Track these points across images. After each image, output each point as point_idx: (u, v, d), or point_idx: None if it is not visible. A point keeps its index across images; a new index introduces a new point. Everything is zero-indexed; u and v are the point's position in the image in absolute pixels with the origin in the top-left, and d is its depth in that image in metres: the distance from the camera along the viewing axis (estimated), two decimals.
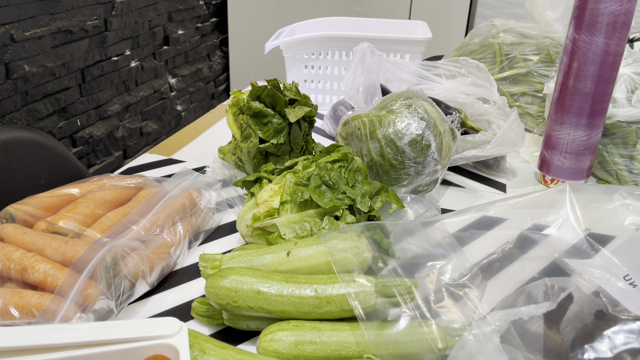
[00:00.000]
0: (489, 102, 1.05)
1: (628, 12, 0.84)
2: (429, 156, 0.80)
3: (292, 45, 1.29)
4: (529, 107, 1.20)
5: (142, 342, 0.47)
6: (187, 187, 0.79)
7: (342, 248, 0.61)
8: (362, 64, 1.04)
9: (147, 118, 2.50)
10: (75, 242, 0.64)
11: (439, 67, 1.11)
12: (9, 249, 0.63)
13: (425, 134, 0.80)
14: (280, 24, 2.77)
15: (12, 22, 1.68)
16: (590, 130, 0.92)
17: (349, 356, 0.54)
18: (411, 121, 0.81)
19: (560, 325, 0.53)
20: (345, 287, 0.57)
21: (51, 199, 0.73)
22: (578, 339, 0.52)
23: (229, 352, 0.52)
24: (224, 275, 0.58)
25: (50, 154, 1.02)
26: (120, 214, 0.72)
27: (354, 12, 2.74)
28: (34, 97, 1.82)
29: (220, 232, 0.82)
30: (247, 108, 0.88)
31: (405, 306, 0.55)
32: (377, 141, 0.81)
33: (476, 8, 2.70)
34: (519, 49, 1.20)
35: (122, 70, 2.26)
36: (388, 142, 0.80)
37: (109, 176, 0.79)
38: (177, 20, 2.62)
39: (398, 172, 0.80)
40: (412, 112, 0.82)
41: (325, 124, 1.19)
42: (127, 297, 0.64)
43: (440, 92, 1.06)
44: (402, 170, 0.80)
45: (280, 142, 0.87)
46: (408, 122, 0.80)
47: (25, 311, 0.58)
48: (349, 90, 1.05)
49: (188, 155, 1.07)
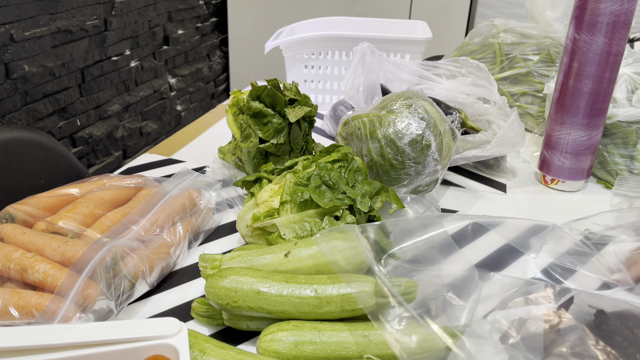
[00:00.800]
0: (489, 102, 1.05)
1: (628, 12, 0.84)
2: (429, 156, 0.80)
3: (292, 45, 1.29)
4: (529, 107, 1.19)
5: (142, 342, 0.47)
6: (187, 187, 0.79)
7: (342, 248, 0.61)
8: (362, 64, 1.04)
9: (147, 118, 2.50)
10: (75, 242, 0.64)
11: (439, 67, 1.11)
12: (8, 249, 0.63)
13: (426, 134, 0.80)
14: (280, 24, 2.77)
15: (11, 22, 1.68)
16: (590, 130, 0.92)
17: (349, 356, 0.54)
18: (411, 121, 0.80)
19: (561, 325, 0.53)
20: (345, 287, 0.56)
21: (51, 199, 0.73)
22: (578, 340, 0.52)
23: (229, 352, 0.52)
24: (224, 275, 0.58)
25: (50, 154, 1.02)
26: (120, 214, 0.72)
27: (354, 12, 2.74)
28: (34, 97, 1.82)
29: (220, 232, 0.82)
30: (247, 108, 0.88)
31: (405, 306, 0.55)
32: (377, 141, 0.81)
33: (476, 8, 2.70)
34: (519, 48, 1.20)
35: (122, 70, 2.26)
36: (388, 142, 0.80)
37: (109, 176, 0.79)
38: (177, 20, 2.62)
39: (398, 172, 0.80)
40: (412, 112, 0.81)
41: (325, 124, 1.19)
42: (127, 297, 0.64)
43: (440, 92, 1.06)
44: (402, 170, 0.80)
45: (280, 142, 0.87)
46: (408, 122, 0.80)
47: (25, 311, 0.58)
48: (349, 90, 1.05)
49: (188, 155, 1.07)
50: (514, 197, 0.95)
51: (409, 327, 0.53)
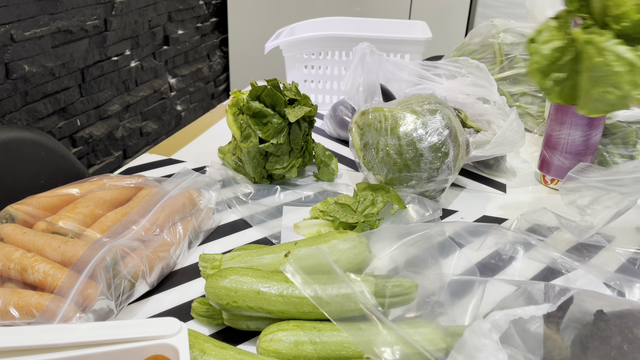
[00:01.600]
0: (489, 102, 1.05)
1: None
2: (445, 164, 0.80)
3: (292, 45, 1.29)
4: (529, 107, 1.20)
5: (142, 342, 0.47)
6: (187, 187, 0.79)
7: (342, 248, 0.61)
8: (362, 64, 1.04)
9: (147, 118, 2.50)
10: (75, 242, 0.64)
11: (439, 67, 1.11)
12: (8, 249, 0.63)
13: (447, 142, 0.80)
14: (280, 24, 2.77)
15: (12, 22, 1.68)
16: (590, 130, 0.92)
17: (349, 356, 0.54)
18: (436, 126, 0.80)
19: (561, 325, 0.53)
20: (345, 287, 0.56)
21: (51, 199, 0.73)
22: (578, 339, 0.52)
23: (229, 352, 0.52)
24: (224, 275, 0.58)
25: (50, 154, 1.02)
26: (120, 214, 0.72)
27: (354, 12, 2.74)
28: (34, 97, 1.82)
29: (220, 232, 0.82)
30: (247, 108, 0.88)
31: (405, 307, 0.55)
32: (397, 138, 0.80)
33: (476, 8, 2.70)
34: (519, 48, 1.20)
35: (122, 70, 2.26)
36: (409, 142, 0.80)
37: (109, 176, 0.79)
38: (177, 20, 2.62)
39: (411, 173, 0.80)
40: (437, 118, 0.81)
41: (325, 124, 1.19)
42: (127, 297, 0.64)
43: (440, 92, 1.06)
44: (416, 173, 0.80)
45: (280, 142, 0.87)
46: (434, 127, 0.80)
47: (25, 311, 0.58)
48: (348, 90, 1.05)
49: (188, 155, 1.07)
50: (514, 197, 0.95)
51: (408, 327, 0.53)
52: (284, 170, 0.91)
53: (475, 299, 0.56)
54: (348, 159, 1.08)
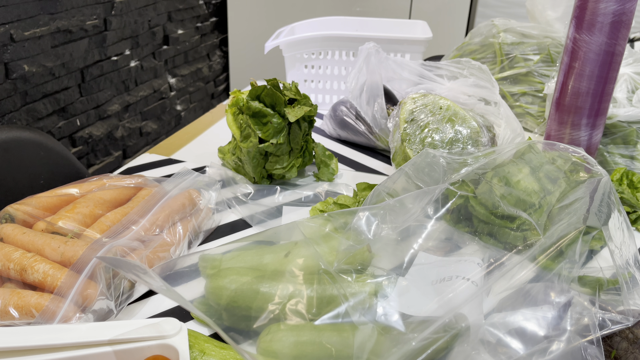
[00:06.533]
0: (490, 103, 1.05)
1: (628, 11, 0.84)
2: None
3: (292, 45, 1.29)
4: (530, 107, 1.19)
5: (142, 343, 0.47)
6: (187, 187, 0.79)
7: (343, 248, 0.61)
8: (367, 64, 1.04)
9: (146, 118, 2.50)
10: (75, 242, 0.64)
11: (441, 67, 1.11)
12: (8, 249, 0.63)
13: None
14: (280, 24, 2.77)
15: (11, 22, 1.68)
16: (590, 130, 0.92)
17: (349, 356, 0.54)
18: (484, 142, 0.89)
19: None
20: (346, 287, 0.56)
21: (51, 199, 0.73)
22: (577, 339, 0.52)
23: (229, 352, 0.52)
24: (224, 275, 0.58)
25: (49, 154, 1.02)
26: (119, 214, 0.72)
27: (354, 11, 2.74)
28: (34, 97, 1.82)
29: (220, 232, 0.82)
30: (247, 108, 0.88)
31: None
32: (452, 131, 0.87)
33: (476, 8, 2.70)
34: (519, 48, 1.20)
35: (121, 70, 2.26)
36: (454, 139, 0.86)
37: (109, 176, 0.79)
38: (177, 20, 2.62)
39: None
40: (486, 135, 0.89)
41: (325, 124, 1.19)
42: (126, 297, 0.63)
43: (442, 92, 1.06)
44: None
45: (280, 142, 0.87)
46: (481, 141, 0.89)
47: (25, 311, 0.58)
48: (352, 90, 1.05)
49: (188, 155, 1.07)
50: None
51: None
52: (284, 170, 0.91)
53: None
54: (348, 159, 1.08)
